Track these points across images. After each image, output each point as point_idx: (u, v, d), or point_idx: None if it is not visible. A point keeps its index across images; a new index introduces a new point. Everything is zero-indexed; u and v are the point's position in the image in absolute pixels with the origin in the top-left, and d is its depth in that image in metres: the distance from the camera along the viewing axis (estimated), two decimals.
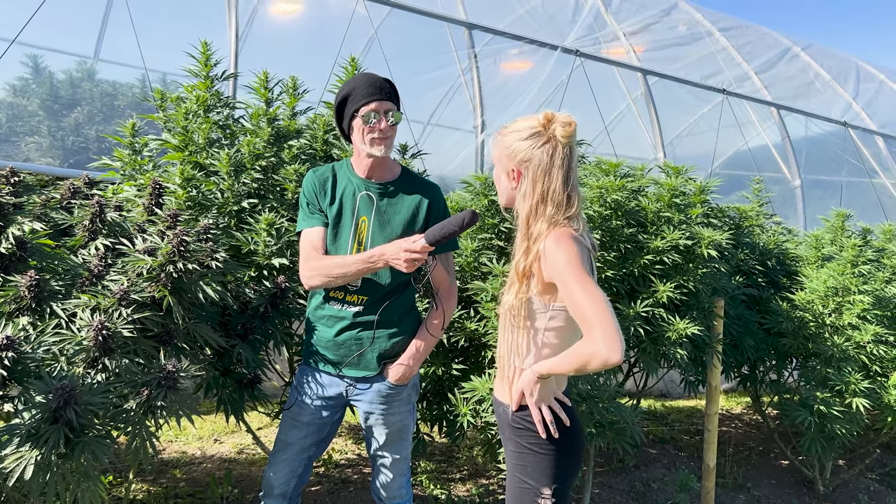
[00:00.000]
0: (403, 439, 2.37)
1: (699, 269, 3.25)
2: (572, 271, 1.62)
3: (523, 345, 1.81)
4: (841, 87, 10.39)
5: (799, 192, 8.64)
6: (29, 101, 5.52)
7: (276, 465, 2.33)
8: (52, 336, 1.86)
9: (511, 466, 1.84)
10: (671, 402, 6.25)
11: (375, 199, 2.24)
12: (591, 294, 1.58)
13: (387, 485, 2.39)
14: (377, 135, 2.16)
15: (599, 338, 1.54)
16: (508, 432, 1.85)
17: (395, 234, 2.22)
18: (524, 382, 1.78)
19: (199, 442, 4.48)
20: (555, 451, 1.78)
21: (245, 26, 6.10)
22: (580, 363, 1.61)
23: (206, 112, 3.09)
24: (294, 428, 2.31)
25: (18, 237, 1.99)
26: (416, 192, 2.29)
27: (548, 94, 7.11)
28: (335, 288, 2.24)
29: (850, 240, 4.06)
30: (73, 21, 6.12)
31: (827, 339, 3.81)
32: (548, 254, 1.68)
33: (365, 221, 2.23)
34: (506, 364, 1.87)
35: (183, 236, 2.05)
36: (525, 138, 1.76)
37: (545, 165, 1.73)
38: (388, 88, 2.20)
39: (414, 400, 2.40)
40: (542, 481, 1.76)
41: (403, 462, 2.39)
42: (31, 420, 1.67)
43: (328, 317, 2.26)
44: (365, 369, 2.26)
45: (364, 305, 2.23)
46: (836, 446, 3.81)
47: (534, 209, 1.74)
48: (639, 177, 3.51)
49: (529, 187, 1.75)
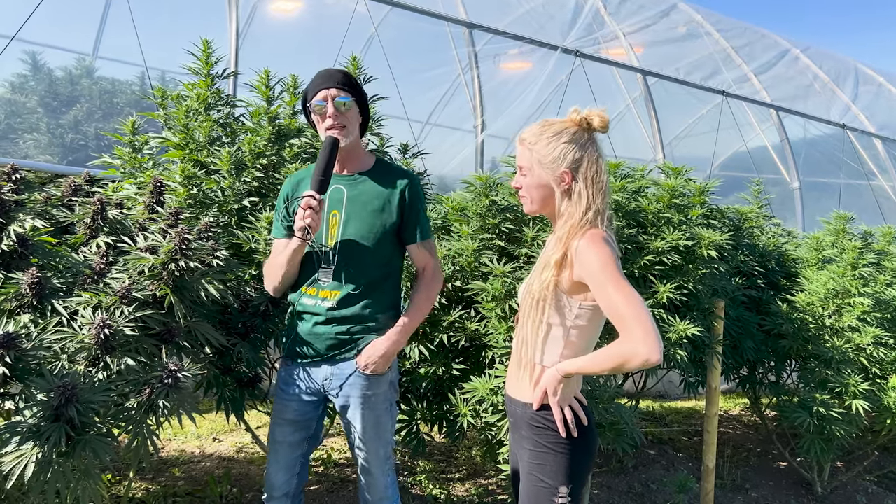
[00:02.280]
0: (381, 437, 2.30)
1: (699, 270, 3.25)
2: (607, 272, 1.64)
3: (546, 341, 1.80)
4: (840, 90, 10.41)
5: (797, 193, 8.65)
6: (28, 98, 5.51)
7: (274, 466, 2.32)
8: (54, 334, 1.85)
9: (527, 465, 1.83)
10: (669, 403, 6.25)
11: (346, 192, 2.22)
12: (628, 294, 1.61)
13: (372, 486, 2.34)
14: (329, 122, 2.15)
15: (640, 337, 1.56)
16: (526, 430, 1.84)
17: (367, 224, 2.19)
18: (548, 381, 1.77)
19: (197, 441, 4.47)
20: (573, 451, 1.78)
21: (244, 24, 6.09)
22: (618, 363, 1.63)
23: (207, 110, 3.08)
24: (280, 426, 2.30)
25: (20, 234, 1.98)
26: (388, 180, 2.26)
27: (547, 94, 7.11)
28: (308, 284, 2.22)
29: (850, 242, 4.07)
30: (71, 18, 6.11)
31: (827, 341, 3.81)
32: (581, 255, 1.69)
33: (336, 215, 2.21)
34: (524, 361, 1.86)
35: (185, 234, 2.04)
36: (568, 141, 1.77)
37: (595, 161, 1.77)
38: (338, 77, 2.18)
39: (392, 398, 2.35)
40: (560, 480, 1.77)
41: (386, 462, 2.34)
42: (32, 418, 1.67)
43: (303, 312, 2.24)
44: (339, 363, 2.23)
45: (338, 301, 2.19)
46: (834, 448, 3.81)
47: (590, 205, 1.75)
48: (639, 178, 3.51)
49: (584, 186, 1.76)
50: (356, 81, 2.24)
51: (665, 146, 7.63)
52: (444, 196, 3.51)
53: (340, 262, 2.19)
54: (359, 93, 2.24)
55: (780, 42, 10.76)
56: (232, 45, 5.54)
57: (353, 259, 2.19)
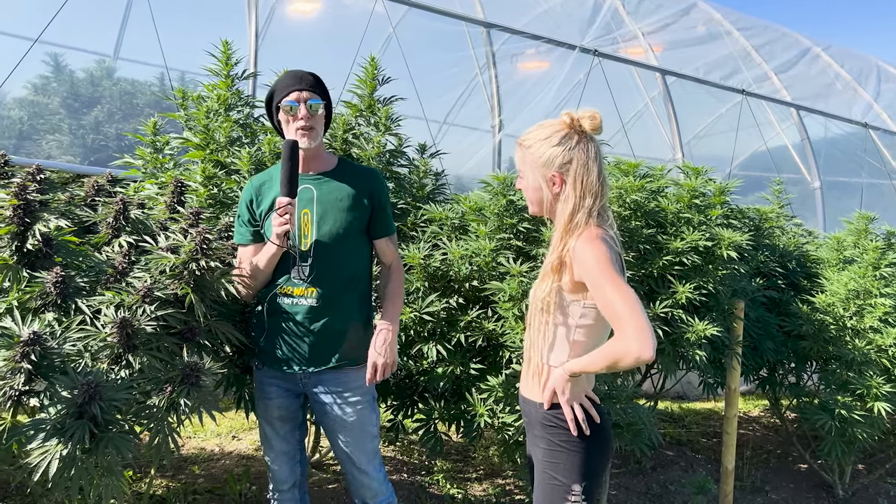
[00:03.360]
0: (366, 432, 2.30)
1: (719, 271, 3.23)
2: (602, 271, 1.66)
3: (553, 342, 1.83)
4: (862, 88, 10.29)
5: (818, 193, 8.56)
6: (50, 99, 5.59)
7: (276, 461, 2.36)
8: (77, 332, 1.88)
9: (541, 463, 1.85)
10: (688, 404, 6.21)
11: (315, 191, 2.24)
12: (622, 292, 1.62)
13: (364, 483, 2.35)
14: (301, 123, 2.17)
15: (631, 335, 1.58)
16: (539, 430, 1.86)
17: (340, 221, 2.22)
18: (556, 381, 1.79)
19: (217, 439, 4.51)
20: (586, 449, 1.80)
21: (263, 25, 6.13)
22: (612, 360, 1.65)
23: (227, 111, 3.11)
24: (268, 424, 2.33)
25: (45, 234, 2.01)
26: (356, 178, 2.29)
27: (565, 93, 7.09)
28: (283, 283, 2.22)
29: (872, 242, 4.02)
30: (93, 20, 6.18)
31: (848, 343, 3.77)
32: (577, 254, 1.71)
33: (307, 213, 2.22)
34: (534, 361, 1.89)
35: (205, 234, 2.06)
36: (557, 143, 1.78)
37: (584, 163, 1.77)
38: (309, 80, 2.22)
39: (373, 391, 2.35)
40: (573, 478, 1.78)
41: (373, 456, 2.34)
42: (56, 415, 1.69)
43: (277, 312, 2.24)
44: (314, 365, 2.23)
45: (316, 298, 2.20)
46: (855, 450, 3.77)
47: (577, 206, 1.77)
48: (658, 177, 3.49)
49: (571, 188, 1.78)
50: (324, 85, 2.28)
51: (684, 145, 7.58)
52: (461, 196, 3.51)
53: (316, 260, 2.21)
54: (327, 96, 2.29)
55: (800, 40, 10.64)
56: (251, 46, 5.57)
57: (329, 256, 2.21)
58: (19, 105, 5.44)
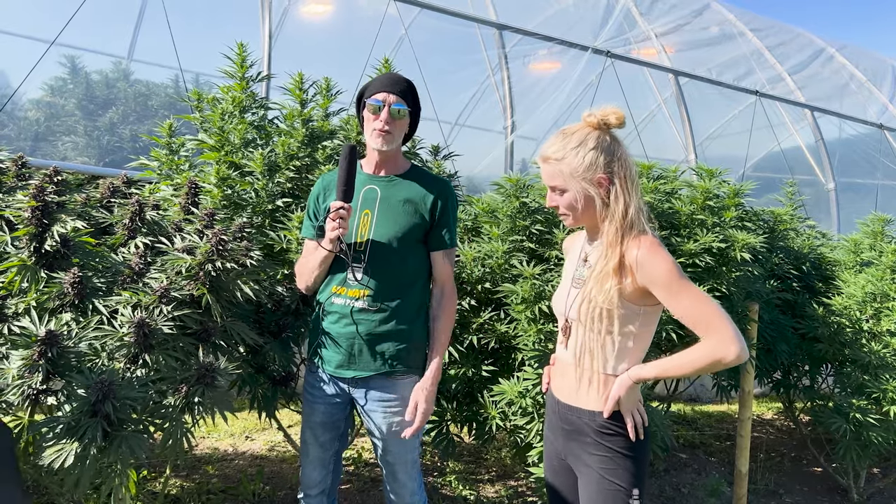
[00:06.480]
0: (407, 441, 2.26)
1: (733, 273, 3.21)
2: (677, 279, 1.68)
3: (614, 350, 1.81)
4: (877, 89, 10.20)
5: (833, 195, 8.50)
6: (66, 100, 5.64)
7: (308, 465, 2.34)
8: (94, 332, 1.90)
9: (599, 471, 1.83)
10: (701, 407, 6.18)
11: (380, 193, 2.22)
12: (703, 299, 1.67)
13: (398, 492, 2.33)
14: (378, 126, 2.16)
15: (731, 336, 1.62)
16: (594, 437, 1.84)
17: (401, 225, 2.18)
18: (621, 389, 1.78)
19: (231, 439, 4.53)
20: (640, 453, 1.82)
21: (276, 27, 6.15)
22: (710, 362, 1.66)
23: (242, 113, 3.12)
24: (310, 428, 2.31)
25: (63, 235, 2.02)
26: (423, 184, 2.25)
27: (578, 94, 7.08)
28: (338, 284, 2.21)
29: (889, 245, 3.99)
30: (108, 22, 6.24)
31: (864, 346, 3.74)
32: (645, 265, 1.70)
33: (368, 215, 2.20)
34: (589, 369, 1.85)
35: (221, 235, 2.07)
36: (594, 146, 1.77)
37: (624, 158, 1.79)
38: (402, 85, 2.20)
39: None
40: (633, 483, 1.80)
41: (412, 466, 2.32)
42: (71, 413, 1.71)
43: (330, 313, 2.22)
44: (365, 369, 2.19)
45: (366, 301, 2.17)
46: (871, 454, 3.74)
47: (628, 201, 1.77)
48: (671, 179, 3.48)
49: (620, 186, 1.77)
50: (416, 94, 2.25)
51: (697, 146, 7.54)
52: (474, 197, 3.51)
53: (370, 262, 2.17)
54: (415, 105, 2.26)
55: (814, 41, 10.57)
56: (265, 48, 5.60)
57: (384, 258, 2.18)
58: (36, 106, 5.49)
